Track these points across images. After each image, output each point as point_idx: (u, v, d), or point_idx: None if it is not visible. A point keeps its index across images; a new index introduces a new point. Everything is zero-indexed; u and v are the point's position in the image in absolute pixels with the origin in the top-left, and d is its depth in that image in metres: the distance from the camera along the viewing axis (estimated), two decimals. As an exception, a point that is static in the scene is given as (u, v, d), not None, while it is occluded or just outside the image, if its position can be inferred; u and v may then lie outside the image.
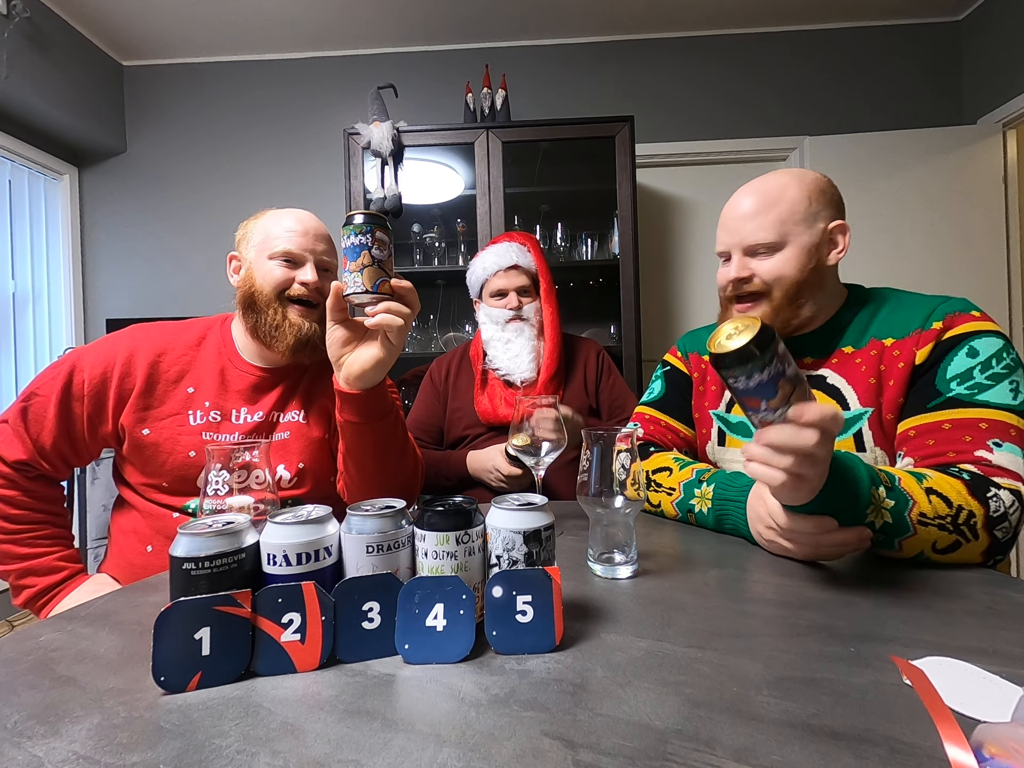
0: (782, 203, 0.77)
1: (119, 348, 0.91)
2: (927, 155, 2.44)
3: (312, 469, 0.96)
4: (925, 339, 0.72)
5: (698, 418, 0.95)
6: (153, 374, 0.91)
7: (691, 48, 2.66)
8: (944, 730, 0.31)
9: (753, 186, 0.81)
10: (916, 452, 0.68)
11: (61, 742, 0.34)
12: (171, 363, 0.92)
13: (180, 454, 0.88)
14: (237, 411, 0.93)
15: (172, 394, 0.91)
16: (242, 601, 0.41)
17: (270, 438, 0.93)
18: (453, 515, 0.47)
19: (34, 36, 2.22)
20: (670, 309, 2.71)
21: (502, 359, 1.29)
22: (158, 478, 0.89)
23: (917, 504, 0.59)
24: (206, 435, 0.90)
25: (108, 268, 2.74)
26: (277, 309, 0.90)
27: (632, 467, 0.60)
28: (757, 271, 0.79)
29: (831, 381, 0.79)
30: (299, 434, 0.96)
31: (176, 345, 0.94)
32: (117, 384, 0.89)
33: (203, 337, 0.97)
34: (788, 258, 0.77)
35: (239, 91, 2.73)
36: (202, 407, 0.91)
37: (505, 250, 1.30)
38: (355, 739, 0.34)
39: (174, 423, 0.90)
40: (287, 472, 0.94)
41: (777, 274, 0.78)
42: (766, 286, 0.79)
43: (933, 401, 0.69)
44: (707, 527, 0.78)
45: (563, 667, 0.42)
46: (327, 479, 0.98)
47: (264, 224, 0.94)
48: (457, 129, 2.17)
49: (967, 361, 0.69)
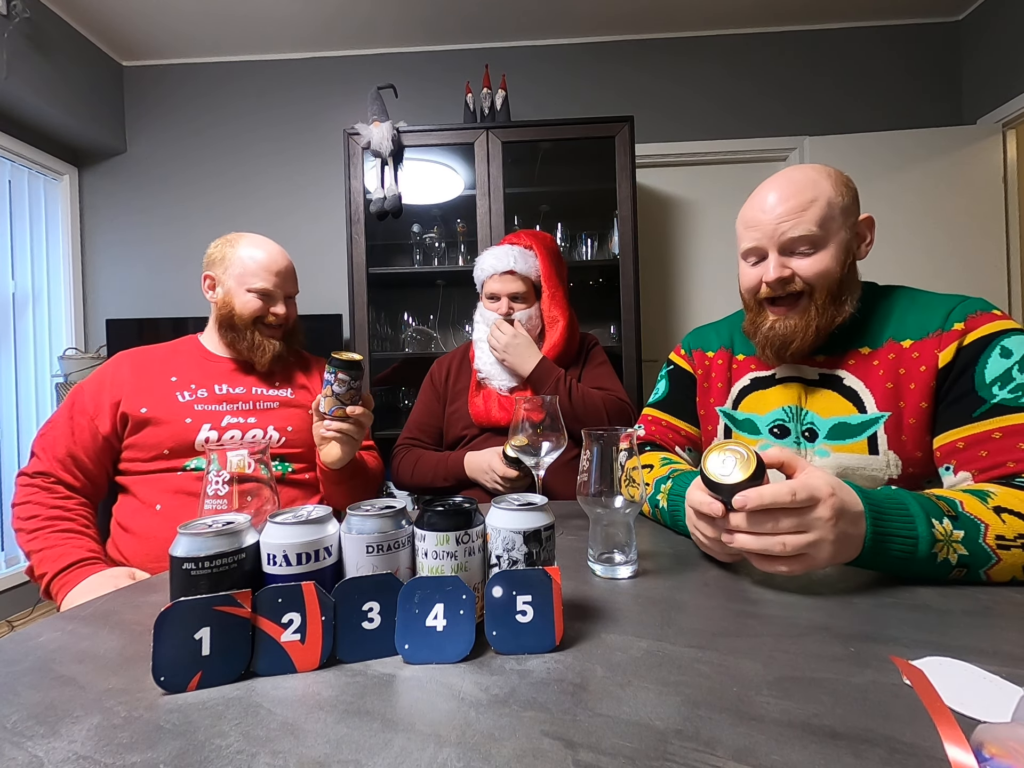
0: (820, 197, 0.73)
1: (107, 365, 1.07)
2: (927, 155, 2.44)
3: (300, 431, 1.09)
4: (946, 340, 0.70)
5: (703, 415, 0.95)
6: (139, 369, 1.06)
7: (691, 48, 2.66)
8: (944, 730, 0.31)
9: (782, 181, 0.76)
10: (971, 465, 0.65)
11: (61, 742, 0.34)
12: (151, 364, 1.08)
13: (177, 422, 1.01)
14: (219, 386, 1.08)
15: (158, 383, 1.05)
16: (242, 601, 0.41)
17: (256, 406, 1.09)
18: (453, 515, 0.47)
19: (34, 36, 2.22)
20: (670, 309, 2.71)
21: (485, 362, 1.28)
22: (159, 447, 1.00)
23: (990, 527, 0.54)
24: (197, 407, 1.03)
25: (108, 268, 2.74)
26: (253, 332, 1.09)
27: (627, 465, 0.60)
28: (797, 270, 0.75)
29: (848, 383, 0.77)
30: (287, 404, 1.12)
31: (153, 354, 1.11)
32: (111, 382, 1.03)
33: (174, 347, 1.14)
34: (830, 255, 0.74)
35: (239, 91, 2.73)
36: (188, 388, 1.05)
37: (505, 253, 1.28)
38: (355, 739, 0.34)
39: (166, 401, 1.03)
40: (276, 432, 1.07)
41: (820, 272, 0.74)
42: (807, 286, 0.75)
43: (978, 409, 0.66)
44: (666, 524, 0.78)
45: (563, 667, 0.42)
46: (314, 444, 1.09)
47: (240, 255, 1.10)
48: (457, 129, 2.17)
49: (1003, 362, 0.66)
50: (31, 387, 2.48)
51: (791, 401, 0.82)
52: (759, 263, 0.79)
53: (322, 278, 2.63)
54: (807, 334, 0.76)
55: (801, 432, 0.80)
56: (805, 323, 0.76)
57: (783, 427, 0.82)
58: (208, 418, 1.02)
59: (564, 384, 1.20)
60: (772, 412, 0.83)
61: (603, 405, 1.21)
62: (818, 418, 0.79)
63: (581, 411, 1.18)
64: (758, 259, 0.79)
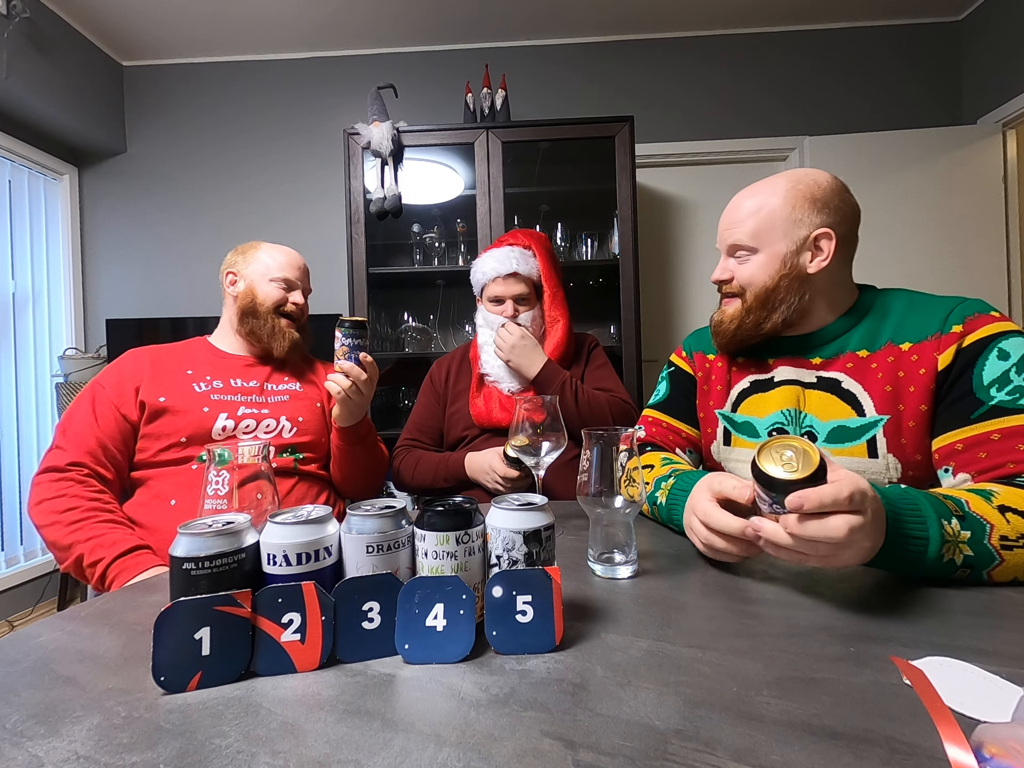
0: (762, 209, 0.78)
1: (123, 359, 1.10)
2: (927, 155, 2.44)
3: (310, 422, 1.15)
4: (945, 343, 0.70)
5: (703, 417, 0.95)
6: (155, 364, 1.09)
7: (691, 48, 2.66)
8: (944, 730, 0.32)
9: (747, 190, 0.82)
10: (970, 467, 0.66)
11: (61, 742, 0.34)
12: (168, 358, 1.12)
13: (194, 411, 1.04)
14: (233, 380, 1.12)
15: (175, 376, 1.08)
16: (242, 601, 0.41)
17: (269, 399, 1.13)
18: (453, 515, 0.47)
19: (34, 36, 2.22)
20: (670, 309, 2.71)
21: (492, 365, 1.28)
22: (177, 435, 1.02)
23: (995, 528, 0.54)
24: (213, 396, 1.07)
25: (108, 268, 2.74)
26: (275, 319, 1.16)
27: (627, 465, 0.60)
28: (735, 273, 0.83)
29: (846, 386, 0.78)
30: (297, 397, 1.17)
31: (165, 352, 1.14)
32: (132, 372, 1.06)
33: (187, 346, 1.18)
34: (761, 264, 0.79)
35: (239, 91, 2.73)
36: (204, 379, 1.09)
37: (506, 256, 1.26)
38: (355, 739, 0.34)
39: (183, 392, 1.06)
40: (288, 423, 1.11)
41: (748, 279, 0.81)
42: (741, 288, 0.82)
43: (976, 411, 0.66)
44: (662, 521, 0.78)
45: (563, 667, 0.42)
46: (324, 435, 1.17)
47: (263, 255, 1.19)
48: (457, 129, 2.17)
49: (1000, 364, 0.66)
50: (31, 387, 2.48)
51: (790, 404, 0.82)
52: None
53: (322, 278, 2.62)
54: (728, 328, 0.84)
55: (800, 435, 0.81)
56: (730, 318, 0.84)
57: (782, 430, 0.82)
58: (225, 407, 1.06)
59: (570, 387, 1.20)
60: (771, 415, 0.83)
61: (608, 407, 1.21)
62: (817, 421, 0.79)
63: (587, 414, 1.19)
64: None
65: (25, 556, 2.42)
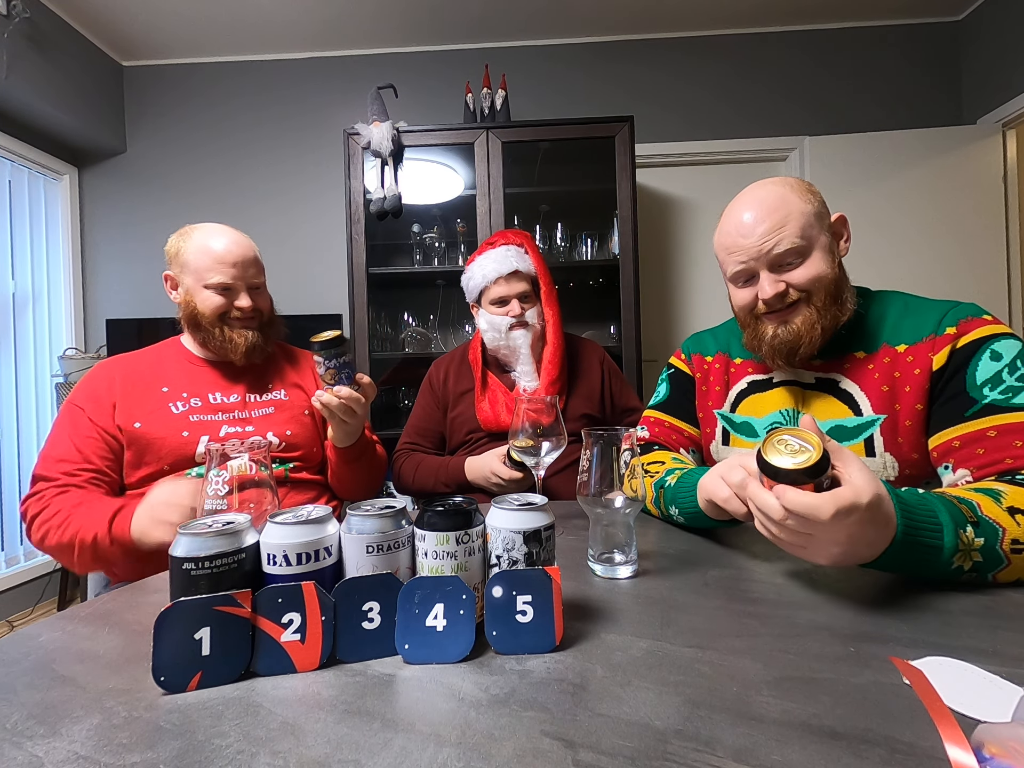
0: (792, 209, 0.76)
1: (95, 375, 1.02)
2: (927, 155, 2.44)
3: (300, 434, 1.07)
4: (940, 344, 0.72)
5: (702, 417, 0.96)
6: (127, 379, 1.01)
7: (691, 48, 2.66)
8: (944, 730, 0.32)
9: (751, 203, 0.78)
10: (969, 462, 0.67)
11: (61, 742, 0.34)
12: (140, 373, 1.03)
13: (173, 438, 0.96)
14: (213, 395, 1.03)
15: (149, 395, 1.00)
16: (242, 601, 0.41)
17: (252, 414, 1.05)
18: (453, 515, 0.47)
19: (34, 36, 2.22)
20: (670, 309, 2.71)
21: (512, 363, 1.29)
22: (159, 463, 0.96)
23: (1007, 532, 0.53)
24: (192, 417, 0.99)
25: (108, 268, 2.74)
26: (221, 328, 1.02)
27: (630, 463, 0.60)
28: (790, 281, 0.77)
29: (844, 386, 0.79)
30: (283, 408, 1.08)
31: (139, 361, 1.06)
32: (106, 387, 0.99)
33: (159, 352, 1.09)
34: (818, 260, 0.76)
35: (239, 91, 2.73)
36: (180, 398, 1.01)
37: (504, 256, 1.26)
38: (355, 739, 0.34)
39: (159, 416, 0.98)
40: (276, 438, 1.03)
41: (813, 277, 0.76)
42: (803, 293, 0.77)
43: (970, 409, 0.68)
44: (665, 502, 0.78)
45: (563, 667, 0.42)
46: (315, 445, 1.10)
47: (194, 249, 1.01)
48: (457, 129, 2.17)
49: (993, 365, 0.68)
50: (31, 387, 2.48)
51: (788, 404, 0.83)
52: (749, 282, 0.81)
53: (322, 278, 2.63)
54: (813, 335, 0.77)
55: None
56: (808, 325, 0.77)
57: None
58: (205, 429, 0.99)
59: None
60: (769, 415, 0.84)
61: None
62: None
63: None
64: (747, 279, 0.81)
65: (25, 556, 2.42)
